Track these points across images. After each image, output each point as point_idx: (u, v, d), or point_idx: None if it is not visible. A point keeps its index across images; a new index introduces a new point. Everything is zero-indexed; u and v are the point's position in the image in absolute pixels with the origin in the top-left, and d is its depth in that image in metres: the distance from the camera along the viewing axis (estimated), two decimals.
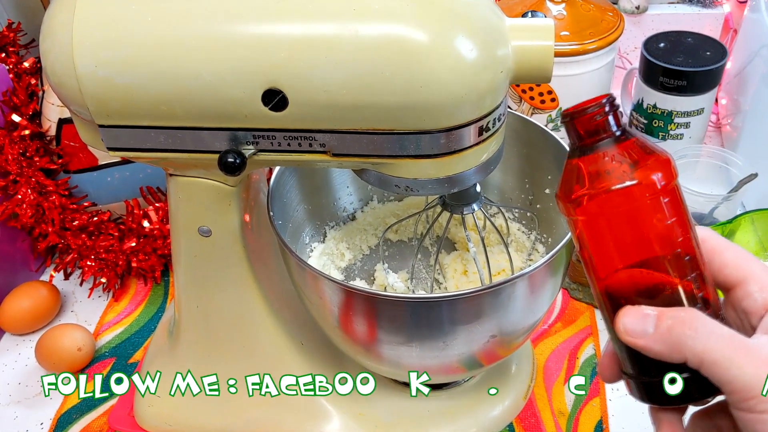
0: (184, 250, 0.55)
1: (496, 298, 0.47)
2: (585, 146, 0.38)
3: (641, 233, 0.38)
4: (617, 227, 0.38)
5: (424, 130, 0.42)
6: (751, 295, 0.37)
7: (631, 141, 0.38)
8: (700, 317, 0.36)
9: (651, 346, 0.36)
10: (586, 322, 0.73)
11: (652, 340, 0.36)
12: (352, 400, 0.62)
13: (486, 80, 0.41)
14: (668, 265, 0.38)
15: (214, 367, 0.61)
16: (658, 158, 0.38)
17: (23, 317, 0.75)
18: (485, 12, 0.42)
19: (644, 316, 0.37)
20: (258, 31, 0.40)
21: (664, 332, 0.36)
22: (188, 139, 0.45)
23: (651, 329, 0.36)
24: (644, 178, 0.37)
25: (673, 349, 0.36)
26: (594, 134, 0.38)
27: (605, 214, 0.38)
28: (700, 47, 0.84)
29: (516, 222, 0.66)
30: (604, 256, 0.39)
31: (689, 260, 0.38)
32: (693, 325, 0.35)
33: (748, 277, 0.38)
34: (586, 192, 0.38)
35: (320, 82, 0.41)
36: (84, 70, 0.42)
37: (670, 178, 0.37)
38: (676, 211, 0.38)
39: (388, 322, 0.49)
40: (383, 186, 0.47)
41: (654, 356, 0.37)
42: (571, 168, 0.39)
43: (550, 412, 0.65)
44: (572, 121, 0.39)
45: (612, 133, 0.38)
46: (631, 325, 0.37)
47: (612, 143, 0.38)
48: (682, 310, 0.36)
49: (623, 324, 0.37)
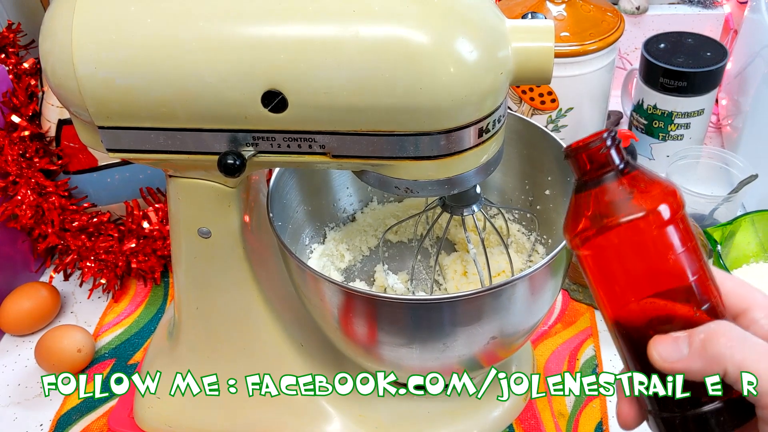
0: (184, 252, 0.55)
1: (497, 299, 0.47)
2: (589, 181, 0.38)
3: (651, 266, 0.37)
4: (626, 261, 0.37)
5: (424, 131, 0.42)
6: (756, 321, 0.37)
7: (635, 173, 0.38)
8: (732, 327, 0.36)
9: (690, 366, 0.36)
10: (586, 323, 0.73)
11: (689, 360, 0.36)
12: (352, 402, 0.62)
13: (486, 82, 0.41)
14: (680, 295, 0.37)
15: (214, 368, 0.61)
16: (664, 189, 0.37)
17: (23, 318, 0.75)
18: (486, 13, 0.42)
19: (675, 340, 0.37)
20: (258, 33, 0.40)
21: (699, 348, 0.36)
22: (188, 141, 0.45)
23: (686, 350, 0.36)
24: (651, 209, 0.37)
25: (711, 362, 0.35)
26: (597, 168, 0.38)
27: (613, 248, 0.37)
28: (700, 48, 0.84)
29: (516, 223, 0.66)
30: (615, 290, 0.38)
31: (701, 288, 0.37)
32: (728, 334, 0.35)
33: (751, 305, 0.38)
34: (592, 226, 0.38)
35: (320, 84, 0.41)
36: (84, 71, 0.42)
37: (677, 208, 0.37)
38: (685, 240, 0.37)
39: (389, 323, 0.49)
40: (383, 187, 0.47)
41: (694, 377, 0.36)
42: (576, 203, 0.39)
43: (550, 413, 0.65)
44: (575, 156, 0.39)
45: (615, 166, 0.38)
46: (666, 351, 0.37)
47: (616, 176, 0.38)
48: (712, 323, 0.36)
49: (658, 353, 0.37)
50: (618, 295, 0.38)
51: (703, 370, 0.36)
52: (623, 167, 0.38)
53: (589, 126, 0.86)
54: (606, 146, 0.38)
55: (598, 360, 0.69)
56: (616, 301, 0.38)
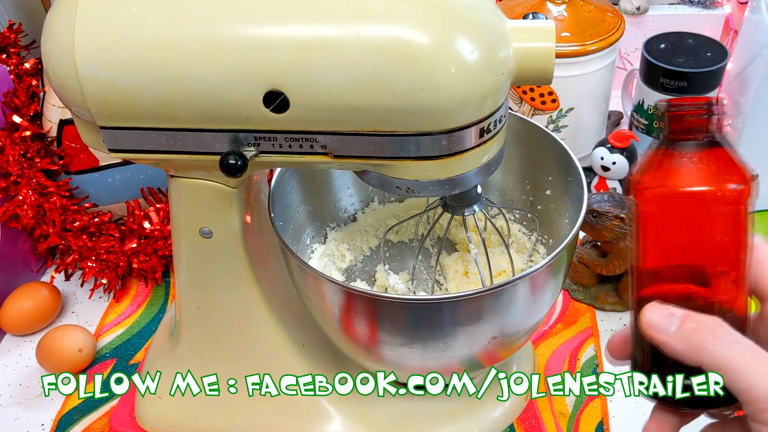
0: (185, 252, 0.55)
1: (498, 299, 0.47)
2: (676, 140, 0.39)
3: (697, 239, 0.38)
4: (678, 226, 0.39)
5: (425, 131, 0.42)
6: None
7: (722, 150, 0.38)
8: (724, 327, 0.36)
9: (671, 343, 0.37)
10: (586, 323, 0.73)
11: (672, 338, 0.37)
12: (352, 401, 0.62)
13: (487, 82, 0.41)
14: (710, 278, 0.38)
15: (215, 368, 0.61)
16: (741, 174, 0.38)
17: (24, 318, 0.75)
18: (487, 14, 0.42)
19: (670, 315, 0.38)
20: (260, 33, 0.40)
21: (685, 333, 0.37)
22: (189, 141, 0.45)
23: (674, 328, 0.37)
24: (719, 188, 0.37)
25: (691, 350, 0.37)
26: (690, 132, 0.38)
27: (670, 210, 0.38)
28: (700, 48, 0.85)
29: (517, 223, 0.66)
30: (656, 248, 0.40)
31: (733, 279, 0.38)
32: (716, 333, 0.36)
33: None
34: (660, 184, 0.38)
35: (322, 84, 0.41)
36: (86, 72, 0.42)
37: (744, 196, 0.38)
38: (737, 229, 0.38)
39: (389, 323, 0.49)
40: (384, 187, 0.47)
41: (671, 353, 0.37)
42: (656, 156, 0.39)
43: (551, 413, 0.65)
44: (674, 114, 0.39)
45: (707, 136, 0.38)
46: (656, 320, 0.38)
47: (703, 146, 0.38)
48: (708, 317, 0.37)
49: (647, 318, 0.38)
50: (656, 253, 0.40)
51: (681, 353, 0.37)
52: (714, 140, 0.38)
53: (590, 126, 0.87)
54: (707, 113, 0.38)
55: (598, 360, 0.69)
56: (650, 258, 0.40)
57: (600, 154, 0.82)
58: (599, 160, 0.82)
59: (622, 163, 0.81)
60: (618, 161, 0.81)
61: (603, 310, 0.74)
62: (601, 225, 0.68)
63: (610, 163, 0.81)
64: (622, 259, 0.70)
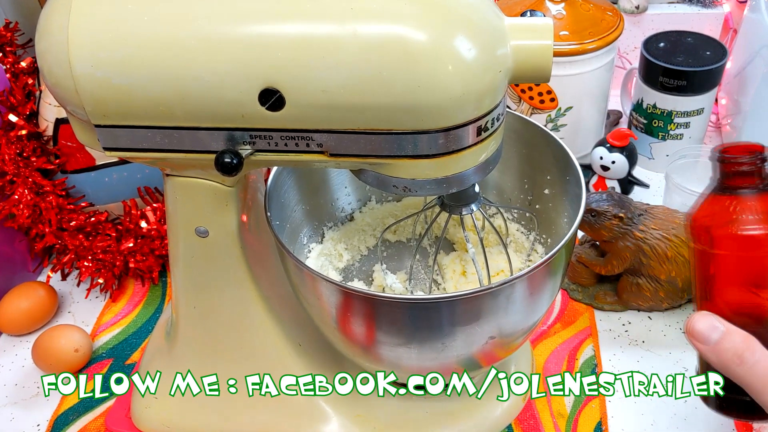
0: (182, 251, 0.55)
1: (495, 299, 0.47)
2: (731, 187, 0.43)
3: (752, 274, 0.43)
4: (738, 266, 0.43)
5: (422, 130, 0.42)
6: None
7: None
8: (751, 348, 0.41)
9: (707, 354, 0.42)
10: (585, 323, 0.73)
11: (709, 350, 0.42)
12: (350, 401, 0.62)
13: (485, 80, 0.41)
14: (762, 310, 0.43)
15: (213, 368, 0.61)
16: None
17: (20, 318, 0.75)
18: (485, 11, 0.42)
19: (713, 329, 0.42)
20: (256, 31, 0.40)
21: (721, 347, 0.42)
22: (185, 140, 0.44)
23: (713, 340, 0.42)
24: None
25: (721, 367, 0.42)
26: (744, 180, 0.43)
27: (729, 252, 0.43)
28: (700, 47, 0.84)
29: (515, 222, 0.66)
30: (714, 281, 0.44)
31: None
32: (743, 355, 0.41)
33: None
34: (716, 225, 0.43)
35: (318, 83, 0.40)
36: (81, 70, 0.42)
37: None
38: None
39: (387, 323, 0.49)
40: (381, 186, 0.47)
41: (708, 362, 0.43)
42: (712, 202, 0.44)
43: (549, 413, 0.64)
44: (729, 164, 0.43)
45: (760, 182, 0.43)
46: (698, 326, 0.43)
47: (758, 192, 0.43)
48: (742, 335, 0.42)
49: (692, 323, 0.43)
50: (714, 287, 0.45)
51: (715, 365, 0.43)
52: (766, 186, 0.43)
53: (589, 125, 0.86)
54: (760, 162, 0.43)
55: (597, 360, 0.69)
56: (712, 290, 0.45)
57: (599, 154, 0.81)
58: (598, 159, 0.81)
59: (622, 162, 0.81)
60: (617, 160, 0.80)
61: (602, 310, 0.74)
62: (600, 224, 0.68)
63: (610, 163, 0.81)
64: (620, 259, 0.69)
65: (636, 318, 0.73)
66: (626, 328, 0.72)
